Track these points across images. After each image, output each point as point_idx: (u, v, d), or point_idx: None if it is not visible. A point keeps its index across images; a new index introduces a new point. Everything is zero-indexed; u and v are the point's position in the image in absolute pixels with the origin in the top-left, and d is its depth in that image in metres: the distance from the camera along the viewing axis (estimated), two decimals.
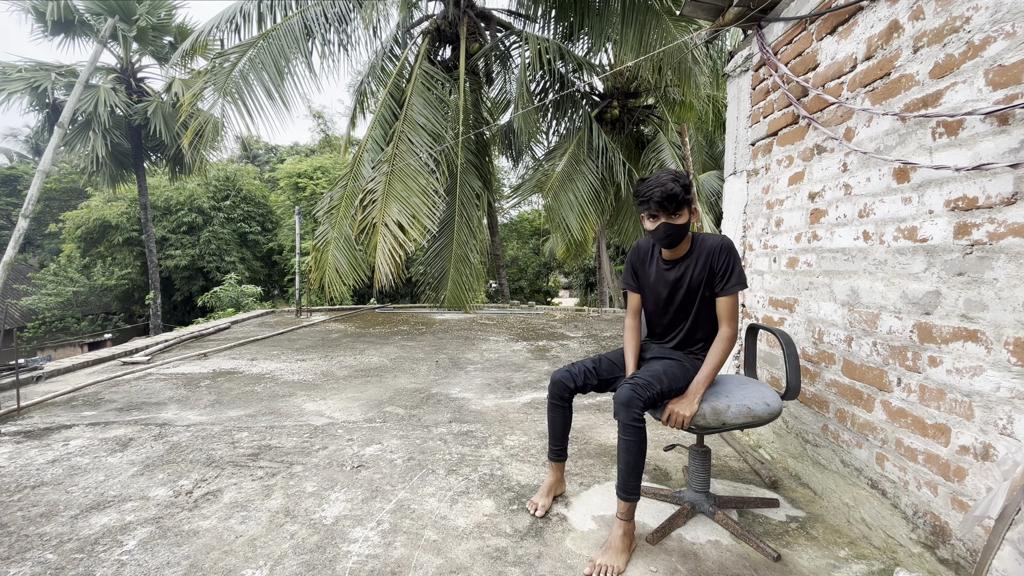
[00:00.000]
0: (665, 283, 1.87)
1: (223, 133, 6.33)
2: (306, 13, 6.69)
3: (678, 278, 1.84)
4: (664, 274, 1.88)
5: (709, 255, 1.79)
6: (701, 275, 1.80)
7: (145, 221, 13.26)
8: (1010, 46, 1.29)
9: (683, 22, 6.23)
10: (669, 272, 1.86)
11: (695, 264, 1.81)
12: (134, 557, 1.66)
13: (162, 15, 11.56)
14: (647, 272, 1.93)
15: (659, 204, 1.69)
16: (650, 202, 1.70)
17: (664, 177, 1.71)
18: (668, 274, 1.86)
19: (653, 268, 1.91)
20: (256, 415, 3.18)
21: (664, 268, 1.88)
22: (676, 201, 1.68)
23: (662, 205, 1.68)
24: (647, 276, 1.93)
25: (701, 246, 1.82)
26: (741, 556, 1.66)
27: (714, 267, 1.78)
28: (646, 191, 1.71)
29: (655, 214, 1.72)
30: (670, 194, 1.67)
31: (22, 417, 3.17)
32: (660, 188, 1.68)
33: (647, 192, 1.71)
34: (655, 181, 1.71)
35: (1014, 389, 1.28)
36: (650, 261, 1.93)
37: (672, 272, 1.85)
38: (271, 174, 22.78)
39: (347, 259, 6.54)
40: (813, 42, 2.14)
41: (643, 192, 1.72)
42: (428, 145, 6.53)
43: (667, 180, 1.69)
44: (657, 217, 1.72)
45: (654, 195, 1.68)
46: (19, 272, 18.32)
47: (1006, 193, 1.29)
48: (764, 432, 2.58)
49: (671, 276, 1.85)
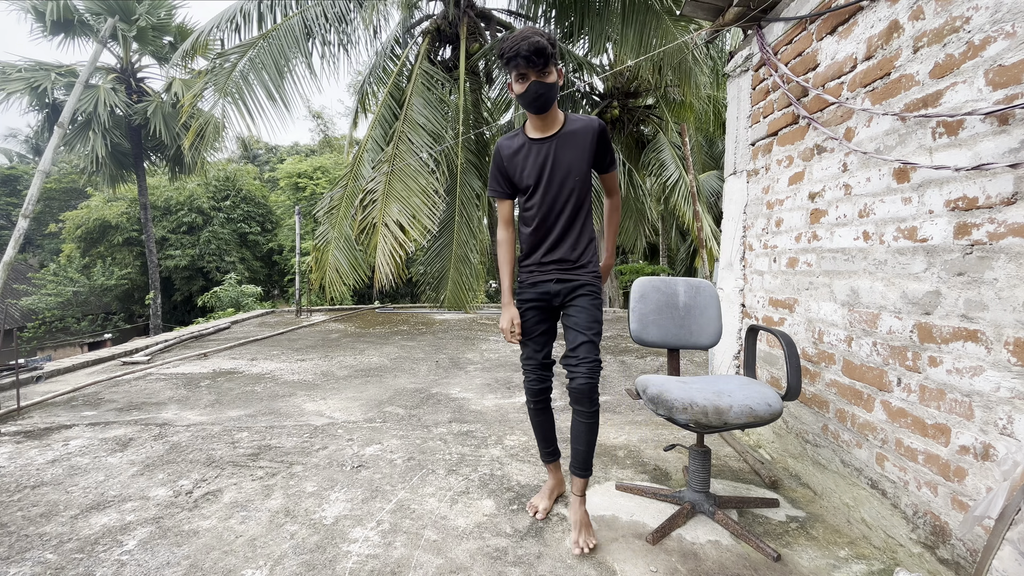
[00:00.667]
0: (544, 162, 1.73)
1: (224, 133, 6.33)
2: (306, 13, 6.69)
3: (557, 154, 1.72)
4: (539, 152, 1.74)
5: (588, 135, 1.72)
6: (582, 154, 1.72)
7: (145, 221, 13.26)
8: (1010, 46, 1.29)
9: (683, 22, 6.23)
10: (544, 147, 1.73)
11: (571, 142, 1.72)
12: (134, 557, 1.66)
13: (162, 15, 11.56)
14: (517, 163, 1.78)
15: (527, 59, 1.57)
16: (517, 57, 1.57)
17: (527, 31, 1.59)
18: (544, 149, 1.73)
19: (523, 155, 1.77)
20: (256, 415, 3.18)
21: (538, 146, 1.74)
22: (545, 56, 1.57)
23: (530, 60, 1.57)
24: (519, 167, 1.78)
25: (573, 123, 1.74)
26: (741, 556, 1.66)
27: (596, 147, 1.74)
28: (512, 46, 1.58)
29: (524, 72, 1.60)
30: (538, 47, 1.56)
31: (22, 417, 3.17)
32: (526, 42, 1.56)
33: (513, 48, 1.57)
34: (520, 36, 1.59)
35: (1014, 389, 1.28)
36: (518, 151, 1.78)
37: (547, 147, 1.72)
38: (271, 174, 22.79)
39: (347, 259, 6.54)
40: (813, 42, 2.14)
41: (508, 48, 1.59)
42: (428, 145, 6.53)
43: (531, 34, 1.58)
44: (526, 77, 1.61)
45: (521, 49, 1.56)
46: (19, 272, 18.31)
47: (1006, 193, 1.29)
48: (764, 432, 2.58)
49: (548, 152, 1.72)
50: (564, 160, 1.72)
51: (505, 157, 1.80)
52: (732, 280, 2.86)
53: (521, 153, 1.77)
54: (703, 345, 2.11)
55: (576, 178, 1.73)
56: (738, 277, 2.80)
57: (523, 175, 1.77)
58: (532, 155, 1.74)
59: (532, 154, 1.74)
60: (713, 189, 12.93)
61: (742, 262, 2.77)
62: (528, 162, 1.75)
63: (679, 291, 2.14)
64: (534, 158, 1.74)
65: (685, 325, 2.11)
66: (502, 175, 1.82)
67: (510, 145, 1.79)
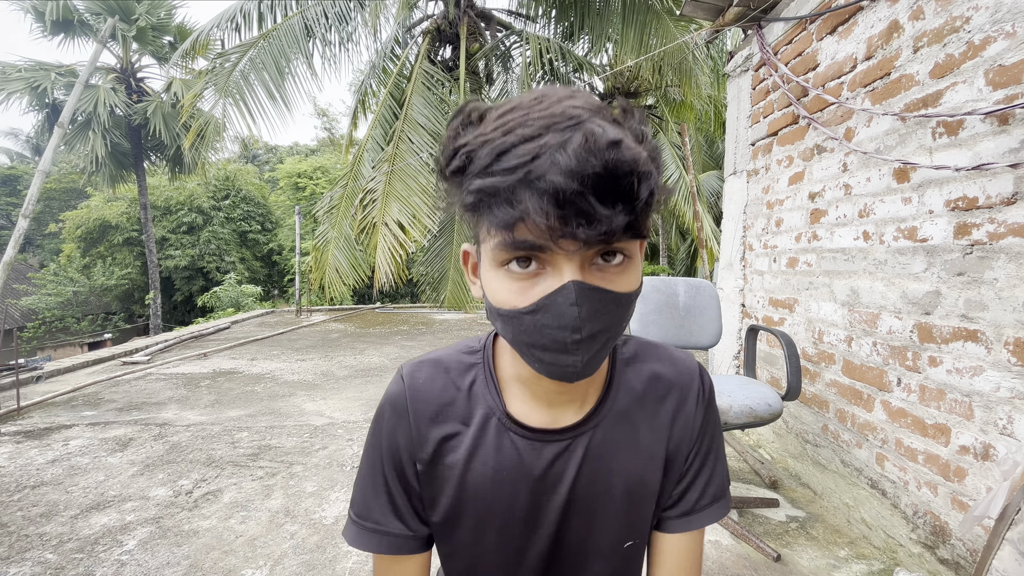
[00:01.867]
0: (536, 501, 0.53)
1: (224, 134, 6.33)
2: (306, 13, 6.70)
3: (587, 488, 0.53)
4: (530, 469, 0.52)
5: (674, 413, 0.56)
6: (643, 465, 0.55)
7: (145, 221, 13.26)
8: (1010, 46, 1.29)
9: (683, 22, 6.23)
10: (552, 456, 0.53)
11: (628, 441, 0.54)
12: (134, 557, 1.66)
13: (162, 15, 11.56)
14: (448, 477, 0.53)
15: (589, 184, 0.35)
16: (533, 185, 0.35)
17: (576, 102, 0.39)
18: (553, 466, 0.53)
19: (482, 461, 0.52)
20: (256, 415, 3.18)
21: (532, 447, 0.52)
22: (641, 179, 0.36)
23: (599, 186, 0.35)
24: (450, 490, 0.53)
25: (630, 383, 0.56)
26: (741, 556, 1.66)
27: (681, 446, 0.57)
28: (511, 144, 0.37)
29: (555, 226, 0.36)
30: (623, 164, 0.35)
31: (22, 417, 3.17)
32: (589, 137, 0.35)
33: (517, 145, 0.36)
34: (554, 114, 0.37)
35: (1014, 389, 1.28)
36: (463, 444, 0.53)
37: (565, 459, 0.53)
38: (271, 174, 22.79)
39: (347, 259, 6.54)
40: (813, 42, 2.14)
41: (497, 145, 0.37)
42: (429, 145, 6.53)
43: (596, 119, 0.37)
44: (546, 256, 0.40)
45: (558, 160, 0.35)
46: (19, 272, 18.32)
47: (1006, 193, 1.29)
48: (764, 432, 2.58)
49: (564, 474, 0.53)
50: (608, 502, 0.54)
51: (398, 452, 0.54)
52: (732, 280, 2.86)
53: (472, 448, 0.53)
54: (703, 345, 2.11)
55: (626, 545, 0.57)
56: (738, 277, 2.80)
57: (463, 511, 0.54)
58: (507, 470, 0.52)
59: (506, 466, 0.52)
60: (713, 189, 12.93)
61: (742, 262, 2.77)
62: (486, 486, 0.52)
63: (679, 291, 2.14)
64: (511, 486, 0.53)
65: (685, 325, 2.11)
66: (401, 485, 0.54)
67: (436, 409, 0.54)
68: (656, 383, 0.56)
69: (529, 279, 0.41)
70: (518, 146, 0.36)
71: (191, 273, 16.83)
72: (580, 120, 0.37)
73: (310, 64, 6.82)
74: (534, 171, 0.35)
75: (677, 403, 0.56)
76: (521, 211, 0.36)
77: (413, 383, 0.54)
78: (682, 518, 0.57)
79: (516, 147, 0.36)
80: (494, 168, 0.37)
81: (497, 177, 0.36)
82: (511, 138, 0.37)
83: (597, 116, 0.38)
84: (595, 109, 0.39)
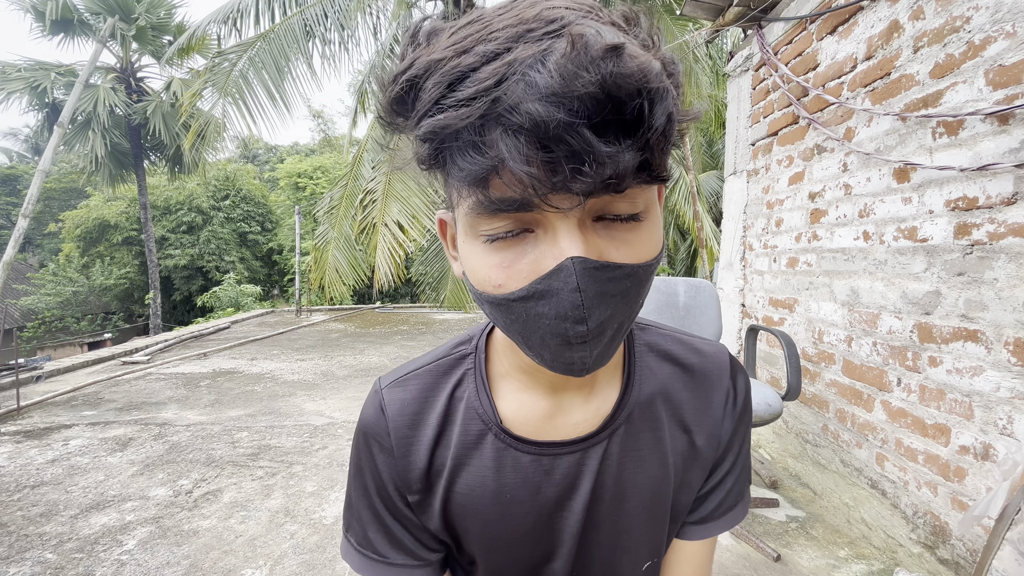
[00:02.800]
0: (548, 525, 0.46)
1: (224, 133, 6.33)
2: (306, 12, 6.69)
3: (602, 502, 0.46)
4: (540, 485, 0.45)
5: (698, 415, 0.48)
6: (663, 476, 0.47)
7: (145, 221, 13.25)
8: (1010, 46, 1.29)
9: (683, 21, 6.23)
10: (564, 467, 0.45)
11: (648, 449, 0.46)
12: (134, 557, 1.66)
13: (161, 14, 11.56)
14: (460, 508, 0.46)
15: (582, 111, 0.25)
16: (504, 118, 0.26)
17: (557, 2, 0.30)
18: (561, 481, 0.45)
19: (480, 485, 0.45)
20: (256, 415, 3.18)
21: (537, 463, 0.45)
22: (654, 99, 0.26)
23: (597, 112, 0.26)
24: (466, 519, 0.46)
25: (649, 377, 0.47)
26: (741, 556, 1.66)
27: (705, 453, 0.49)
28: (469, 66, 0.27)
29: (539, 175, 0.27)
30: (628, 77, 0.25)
31: (22, 417, 3.16)
32: (579, 46, 0.25)
33: (477, 67, 0.27)
34: (525, 19, 0.28)
35: (1014, 389, 1.28)
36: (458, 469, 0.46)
37: (574, 471, 0.45)
38: (271, 174, 22.79)
39: (347, 259, 6.54)
40: (813, 42, 2.14)
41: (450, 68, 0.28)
42: None
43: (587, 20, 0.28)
44: (542, 191, 0.27)
45: (534, 80, 0.25)
46: (19, 272, 18.31)
47: (1006, 193, 1.29)
48: (764, 432, 2.58)
49: (575, 488, 0.45)
50: (628, 518, 0.47)
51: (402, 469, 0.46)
52: (732, 280, 2.86)
53: (467, 470, 0.45)
54: None
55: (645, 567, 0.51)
56: (738, 277, 2.80)
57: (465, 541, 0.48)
58: (511, 490, 0.45)
59: (510, 487, 0.45)
60: (713, 189, 12.93)
61: (742, 262, 2.77)
62: (489, 512, 0.45)
63: (679, 291, 2.14)
64: (518, 508, 0.45)
65: (685, 325, 2.11)
66: (396, 519, 0.47)
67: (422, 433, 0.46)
68: (677, 379, 0.48)
69: (514, 247, 0.31)
70: (479, 69, 0.26)
71: (191, 273, 16.83)
72: (563, 23, 0.27)
73: (310, 64, 6.82)
74: (503, 99, 0.25)
75: (702, 404, 0.48)
76: (491, 158, 0.26)
77: (393, 408, 0.46)
78: (699, 524, 0.51)
79: (476, 70, 0.27)
80: (446, 100, 0.27)
81: (451, 111, 0.27)
82: (468, 58, 0.27)
83: (584, 16, 0.28)
84: (584, 10, 0.29)
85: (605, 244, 0.31)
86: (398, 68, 0.31)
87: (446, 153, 0.29)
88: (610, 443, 0.45)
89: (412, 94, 0.29)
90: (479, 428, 0.45)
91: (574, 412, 0.44)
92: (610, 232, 0.31)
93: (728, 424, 0.49)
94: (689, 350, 0.50)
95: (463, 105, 0.26)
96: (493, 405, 0.45)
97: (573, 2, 0.30)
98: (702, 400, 0.48)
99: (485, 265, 0.32)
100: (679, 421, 0.47)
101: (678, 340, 0.50)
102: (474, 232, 0.32)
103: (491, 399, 0.45)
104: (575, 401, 0.44)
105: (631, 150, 0.26)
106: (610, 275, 0.31)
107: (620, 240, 0.31)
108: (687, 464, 0.48)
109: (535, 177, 0.26)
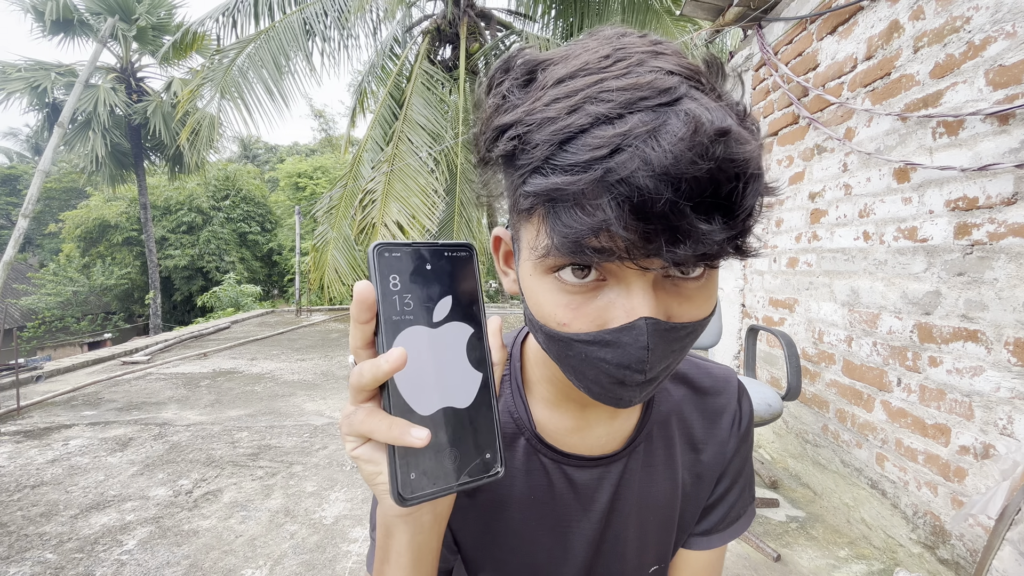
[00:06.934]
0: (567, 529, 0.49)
1: (221, 131, 6.33)
2: (306, 11, 6.69)
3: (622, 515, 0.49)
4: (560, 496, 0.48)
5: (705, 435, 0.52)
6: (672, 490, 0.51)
7: (145, 221, 13.26)
8: (1010, 46, 1.29)
9: (683, 22, 6.23)
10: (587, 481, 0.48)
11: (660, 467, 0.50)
12: (134, 557, 1.66)
13: (162, 14, 11.57)
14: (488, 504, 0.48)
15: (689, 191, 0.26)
16: (616, 187, 0.26)
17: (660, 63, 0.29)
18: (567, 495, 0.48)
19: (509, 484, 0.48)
20: (256, 415, 3.18)
21: (559, 475, 0.48)
22: (751, 182, 0.28)
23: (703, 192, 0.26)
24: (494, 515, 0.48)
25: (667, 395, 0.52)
26: (741, 556, 1.66)
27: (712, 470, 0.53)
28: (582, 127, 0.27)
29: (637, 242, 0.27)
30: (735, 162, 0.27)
31: (22, 417, 3.16)
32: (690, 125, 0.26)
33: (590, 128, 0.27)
34: (638, 84, 0.27)
35: (1014, 389, 1.28)
36: None
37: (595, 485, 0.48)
38: (271, 174, 22.80)
39: (346, 259, 6.54)
40: (813, 42, 2.14)
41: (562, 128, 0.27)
42: (428, 145, 6.53)
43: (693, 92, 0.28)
44: (638, 255, 0.28)
45: (649, 156, 0.25)
46: (19, 272, 18.31)
47: (1006, 193, 1.29)
48: (764, 432, 2.58)
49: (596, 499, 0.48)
50: (642, 529, 0.51)
51: None
52: (732, 280, 2.86)
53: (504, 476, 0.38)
54: (703, 345, 2.11)
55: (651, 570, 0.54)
56: (738, 277, 2.80)
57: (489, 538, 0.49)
58: (536, 493, 0.48)
59: (536, 490, 0.48)
60: None
61: (742, 262, 2.77)
62: (513, 512, 0.48)
63: None
64: (539, 510, 0.48)
65: None
66: None
67: None
68: (690, 401, 0.52)
69: (586, 293, 0.32)
70: (590, 130, 0.26)
71: (191, 273, 16.84)
72: (676, 96, 0.27)
73: (309, 61, 6.82)
74: (615, 170, 0.26)
75: (710, 424, 0.51)
76: (596, 220, 0.27)
77: None
78: (704, 536, 0.54)
79: (588, 132, 0.27)
80: (556, 161, 0.27)
81: (563, 175, 0.27)
82: (580, 118, 0.27)
83: (693, 87, 0.28)
84: (689, 75, 0.29)
85: (671, 301, 0.32)
86: (503, 120, 0.31)
87: (552, 205, 0.29)
88: (630, 460, 0.48)
89: (520, 145, 0.29)
90: (513, 430, 0.47)
91: (599, 428, 0.47)
92: (678, 289, 0.32)
93: (733, 443, 0.52)
94: (703, 373, 0.53)
95: (577, 170, 0.27)
96: (529, 412, 0.47)
97: (680, 64, 0.30)
98: (711, 420, 0.52)
99: (552, 302, 0.33)
100: (689, 439, 0.51)
101: (692, 363, 0.54)
102: (545, 268, 0.32)
103: (527, 406, 0.47)
104: (601, 419, 0.46)
105: (723, 229, 0.27)
106: (676, 335, 0.32)
107: (685, 297, 0.33)
108: (694, 479, 0.51)
109: (633, 243, 0.27)
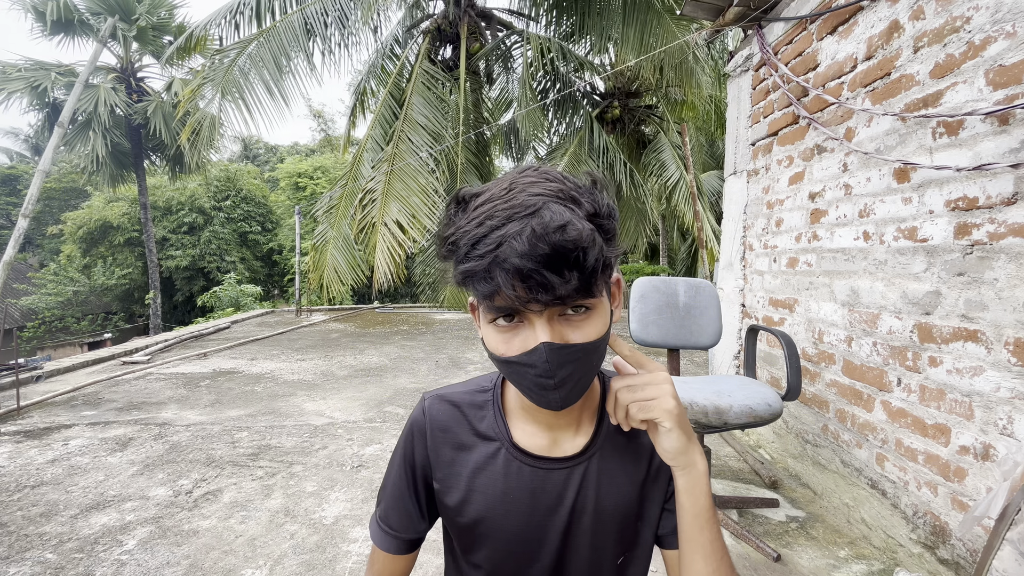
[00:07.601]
0: (541, 522, 0.62)
1: (222, 131, 6.33)
2: (307, 10, 6.69)
3: (586, 511, 0.62)
4: (537, 492, 0.62)
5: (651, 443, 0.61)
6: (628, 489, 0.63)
7: (145, 221, 13.26)
8: (1010, 46, 1.29)
9: (684, 21, 6.23)
10: (554, 480, 0.62)
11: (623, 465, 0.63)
12: (134, 557, 1.66)
13: (162, 15, 11.56)
14: (465, 488, 0.63)
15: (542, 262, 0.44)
16: (500, 266, 0.45)
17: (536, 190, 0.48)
18: (552, 488, 0.62)
19: (487, 477, 0.63)
20: (256, 415, 3.18)
21: (536, 473, 0.62)
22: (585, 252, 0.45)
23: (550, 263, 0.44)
24: (467, 500, 0.63)
25: None
26: (741, 556, 1.66)
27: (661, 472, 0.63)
28: (482, 235, 0.47)
29: (517, 304, 0.47)
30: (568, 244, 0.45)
31: (22, 417, 3.17)
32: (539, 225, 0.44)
33: (486, 235, 0.46)
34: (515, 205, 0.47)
35: (1014, 389, 1.28)
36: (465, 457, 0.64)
37: (562, 483, 0.62)
38: (271, 174, 22.79)
39: (346, 259, 6.54)
40: (813, 42, 2.14)
41: (472, 237, 0.47)
42: (428, 145, 6.53)
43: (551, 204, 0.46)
44: (517, 317, 0.50)
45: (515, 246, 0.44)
46: (19, 272, 18.31)
47: (1006, 193, 1.29)
48: (764, 432, 2.58)
49: (563, 497, 0.62)
50: (603, 525, 0.63)
51: (432, 459, 0.65)
52: (732, 280, 2.86)
53: (484, 473, 0.63)
54: (703, 345, 2.11)
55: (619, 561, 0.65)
56: (738, 277, 2.80)
57: (477, 528, 0.63)
58: (514, 492, 0.62)
59: (514, 489, 0.62)
60: (714, 189, 12.92)
61: (742, 262, 2.77)
62: (497, 507, 0.62)
63: (679, 291, 2.14)
64: (518, 507, 0.62)
65: (685, 325, 2.11)
66: (415, 493, 0.67)
67: (451, 438, 0.65)
68: None
69: (512, 331, 0.50)
70: (487, 236, 0.46)
71: (192, 273, 16.84)
72: (535, 209, 0.46)
73: (310, 61, 6.82)
74: (500, 256, 0.45)
75: None
76: (494, 286, 0.46)
77: (433, 415, 0.66)
78: (674, 534, 0.62)
79: (486, 237, 0.46)
80: (471, 255, 0.47)
81: (473, 262, 0.46)
82: (482, 229, 0.46)
83: (554, 200, 0.47)
84: (553, 194, 0.47)
85: (564, 330, 0.49)
86: (447, 232, 0.51)
87: (469, 281, 0.48)
88: (589, 464, 0.62)
89: (454, 248, 0.49)
90: (496, 444, 0.63)
91: (565, 442, 0.62)
92: (568, 321, 0.50)
93: None
94: None
95: (480, 259, 0.46)
96: (507, 427, 0.63)
97: (548, 189, 0.48)
98: None
99: (494, 339, 0.52)
100: (638, 448, 0.63)
101: None
102: (488, 319, 0.52)
103: (506, 424, 0.63)
104: (566, 434, 0.62)
105: (573, 280, 0.45)
106: (568, 351, 0.49)
107: (575, 326, 0.50)
108: (647, 481, 0.63)
109: (518, 296, 0.46)
